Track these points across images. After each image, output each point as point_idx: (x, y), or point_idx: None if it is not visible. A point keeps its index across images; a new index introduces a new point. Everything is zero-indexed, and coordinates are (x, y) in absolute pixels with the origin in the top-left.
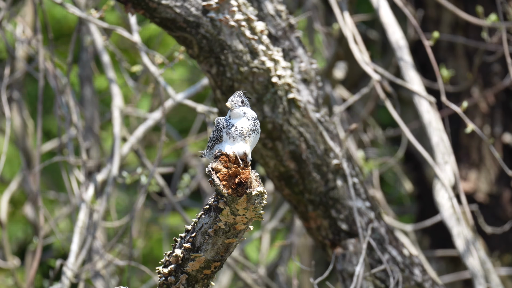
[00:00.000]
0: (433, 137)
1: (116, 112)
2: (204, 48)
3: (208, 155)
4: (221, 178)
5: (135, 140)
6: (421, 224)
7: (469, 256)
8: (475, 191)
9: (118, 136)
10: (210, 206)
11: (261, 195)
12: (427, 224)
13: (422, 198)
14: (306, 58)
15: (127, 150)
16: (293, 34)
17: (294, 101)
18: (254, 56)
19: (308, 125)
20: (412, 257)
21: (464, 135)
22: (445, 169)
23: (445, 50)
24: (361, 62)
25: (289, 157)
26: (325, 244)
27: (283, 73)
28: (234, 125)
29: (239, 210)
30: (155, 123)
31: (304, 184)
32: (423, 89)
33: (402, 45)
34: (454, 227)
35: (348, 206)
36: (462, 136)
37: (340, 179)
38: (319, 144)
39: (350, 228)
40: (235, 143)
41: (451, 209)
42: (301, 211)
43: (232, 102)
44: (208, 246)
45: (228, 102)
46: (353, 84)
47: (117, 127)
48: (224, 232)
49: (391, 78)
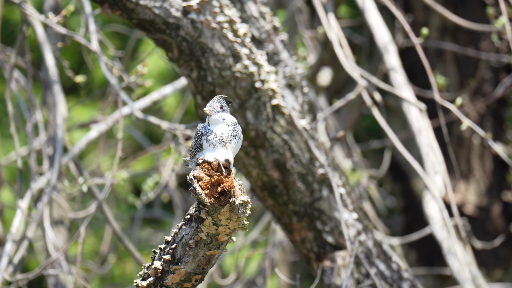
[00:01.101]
0: (422, 146)
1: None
2: (184, 51)
3: (191, 163)
4: (203, 186)
5: (78, 151)
6: (408, 237)
7: (460, 271)
8: (464, 203)
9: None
10: (191, 216)
11: (245, 204)
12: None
13: (408, 210)
14: (291, 62)
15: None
16: (277, 37)
17: (278, 107)
18: (236, 60)
19: (293, 132)
20: (401, 271)
21: (452, 145)
22: (435, 179)
23: (433, 55)
24: (347, 67)
25: (273, 166)
26: (310, 257)
27: (267, 78)
28: (213, 132)
29: (221, 220)
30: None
31: (288, 194)
32: (412, 95)
33: (390, 49)
34: (444, 241)
35: (334, 218)
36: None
37: (326, 189)
38: (304, 153)
39: (336, 240)
40: (215, 150)
41: (442, 221)
42: (284, 222)
43: (210, 107)
44: (188, 258)
45: (206, 108)
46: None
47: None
48: (206, 243)
49: (378, 84)
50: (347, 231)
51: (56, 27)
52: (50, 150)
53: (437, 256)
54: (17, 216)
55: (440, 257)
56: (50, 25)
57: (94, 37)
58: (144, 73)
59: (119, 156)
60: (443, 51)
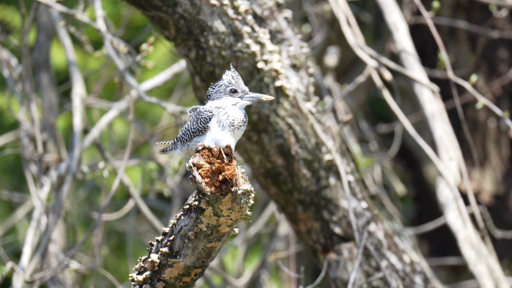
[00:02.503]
0: (436, 130)
1: (76, 101)
2: (181, 29)
3: (181, 149)
4: (203, 174)
5: (98, 133)
6: (420, 228)
7: (477, 264)
8: (479, 192)
9: (79, 128)
10: (191, 206)
11: (248, 193)
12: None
13: (420, 199)
14: (296, 41)
15: (89, 144)
16: (281, 14)
17: (282, 89)
18: (237, 39)
19: (298, 116)
20: (413, 264)
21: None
22: (450, 166)
23: (446, 34)
24: (355, 46)
25: (277, 152)
26: (316, 249)
27: (270, 58)
28: (227, 113)
29: (223, 210)
30: (120, 113)
31: (293, 182)
32: (424, 76)
33: (401, 27)
34: (460, 231)
35: (342, 207)
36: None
37: (333, 176)
38: (310, 138)
39: (344, 231)
40: (222, 133)
41: (457, 210)
42: (289, 212)
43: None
44: (188, 250)
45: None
46: (343, 72)
47: (77, 118)
48: (206, 235)
49: (388, 64)
50: (355, 221)
51: (56, 5)
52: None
53: (451, 248)
54: (37, 208)
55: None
56: (49, 4)
57: (99, 14)
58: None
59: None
60: (455, 30)
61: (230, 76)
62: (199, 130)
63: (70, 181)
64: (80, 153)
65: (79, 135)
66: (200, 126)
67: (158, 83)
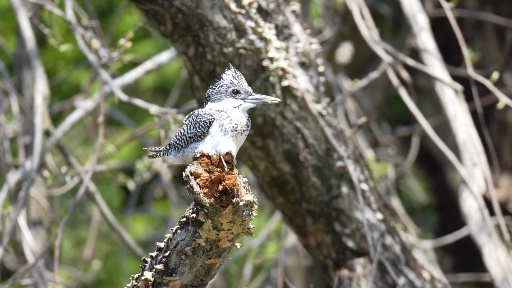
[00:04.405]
0: (459, 133)
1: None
2: (179, 24)
3: (176, 156)
4: (202, 184)
5: (61, 134)
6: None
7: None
8: (507, 200)
9: (40, 129)
10: (188, 219)
11: (251, 205)
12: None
13: (443, 208)
14: (305, 37)
15: (50, 146)
16: (288, 7)
17: (290, 89)
18: (240, 35)
19: (307, 119)
20: (434, 281)
21: (494, 133)
22: (474, 173)
23: (471, 27)
24: (370, 40)
25: (284, 158)
26: (327, 264)
27: (276, 55)
28: (229, 116)
29: (223, 224)
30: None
31: (301, 191)
32: (447, 75)
33: (421, 20)
34: (485, 244)
35: (355, 219)
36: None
37: (346, 185)
38: (320, 143)
39: (357, 245)
40: (223, 138)
41: (482, 222)
42: (297, 224)
43: (249, 90)
44: (185, 267)
45: (258, 95)
46: (358, 69)
47: (38, 118)
48: (205, 250)
49: (406, 61)
50: (370, 234)
51: None
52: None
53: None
54: None
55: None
56: None
57: (68, 5)
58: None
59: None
60: (482, 23)
61: (231, 75)
62: (198, 135)
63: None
64: (39, 157)
65: (40, 137)
66: (199, 131)
67: (129, 81)
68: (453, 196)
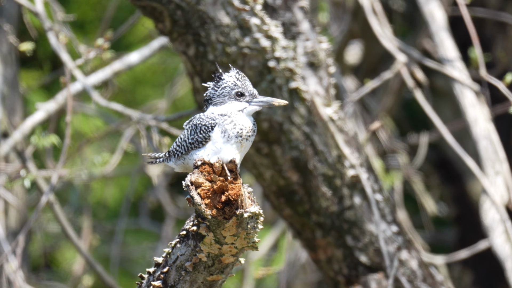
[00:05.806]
0: (480, 139)
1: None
2: (178, 21)
3: (176, 163)
4: (203, 195)
5: (20, 137)
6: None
7: None
8: None
9: None
10: (188, 232)
11: (256, 217)
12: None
13: (462, 220)
14: (314, 35)
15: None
16: (296, 3)
17: (298, 92)
18: (244, 33)
19: (316, 124)
20: None
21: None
22: (496, 182)
23: (493, 26)
24: (382, 38)
25: (291, 166)
26: (338, 281)
27: (283, 55)
28: (233, 121)
29: (226, 237)
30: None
31: (310, 202)
32: (467, 76)
33: (438, 17)
34: (508, 259)
35: (368, 232)
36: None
37: (359, 195)
38: (330, 150)
39: (371, 260)
40: (226, 145)
41: (504, 234)
42: (306, 237)
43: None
44: (185, 284)
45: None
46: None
47: None
48: (207, 266)
49: (422, 61)
50: (385, 248)
51: None
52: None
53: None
54: None
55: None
56: None
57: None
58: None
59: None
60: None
61: (234, 76)
62: (199, 141)
63: None
64: None
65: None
66: (200, 137)
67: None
68: (473, 207)
